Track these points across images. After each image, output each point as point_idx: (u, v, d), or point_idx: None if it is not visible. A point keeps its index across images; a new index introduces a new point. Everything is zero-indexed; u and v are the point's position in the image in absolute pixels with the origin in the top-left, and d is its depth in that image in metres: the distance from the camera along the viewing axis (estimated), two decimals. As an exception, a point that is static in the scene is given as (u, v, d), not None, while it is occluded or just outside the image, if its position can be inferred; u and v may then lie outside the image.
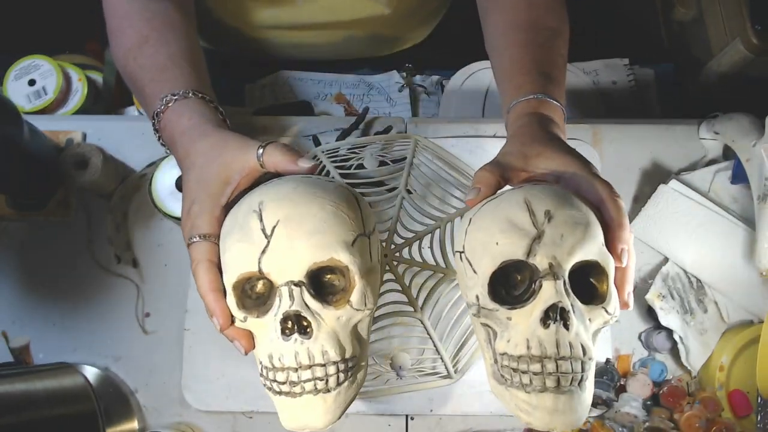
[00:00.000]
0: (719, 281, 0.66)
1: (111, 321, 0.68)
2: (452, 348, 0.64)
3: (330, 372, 0.46)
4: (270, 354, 0.46)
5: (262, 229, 0.45)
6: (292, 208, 0.45)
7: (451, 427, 0.65)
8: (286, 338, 0.45)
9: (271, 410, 0.65)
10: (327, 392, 0.46)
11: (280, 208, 0.46)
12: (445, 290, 0.62)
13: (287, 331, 0.45)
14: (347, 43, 0.88)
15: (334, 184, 0.49)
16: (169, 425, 0.65)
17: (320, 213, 0.46)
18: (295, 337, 0.45)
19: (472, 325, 0.64)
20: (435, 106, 0.87)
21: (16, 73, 0.78)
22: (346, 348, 0.47)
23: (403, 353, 0.62)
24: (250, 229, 0.46)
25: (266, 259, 0.45)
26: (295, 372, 0.45)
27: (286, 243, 0.45)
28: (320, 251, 0.45)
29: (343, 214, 0.47)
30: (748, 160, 0.65)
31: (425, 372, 0.63)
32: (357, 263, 0.46)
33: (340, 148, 0.69)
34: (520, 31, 0.62)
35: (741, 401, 0.63)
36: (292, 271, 0.45)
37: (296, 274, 0.45)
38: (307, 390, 0.46)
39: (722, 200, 0.69)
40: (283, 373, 0.46)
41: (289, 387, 0.46)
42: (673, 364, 0.66)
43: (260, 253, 0.45)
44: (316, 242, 0.45)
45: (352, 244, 0.46)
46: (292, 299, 0.45)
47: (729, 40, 0.86)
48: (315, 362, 0.45)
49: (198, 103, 0.56)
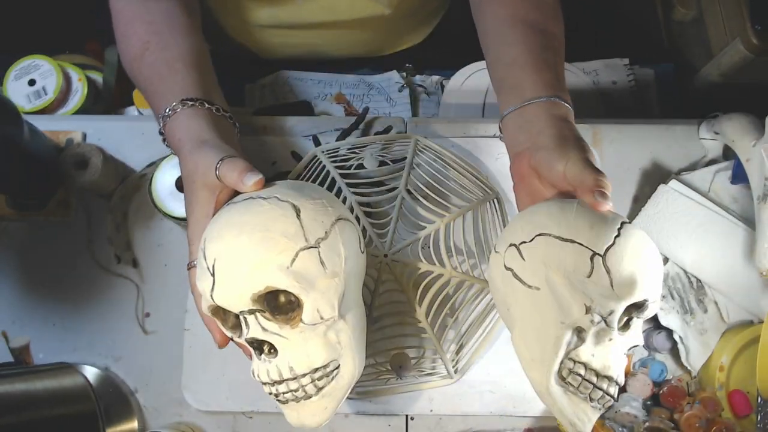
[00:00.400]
0: (719, 281, 0.66)
1: (111, 321, 0.68)
2: (452, 348, 0.64)
3: (304, 383, 0.49)
4: (253, 370, 0.51)
5: (207, 267, 0.48)
6: (221, 243, 0.48)
7: (451, 427, 0.65)
8: (259, 357, 0.50)
9: (271, 410, 0.65)
10: (308, 399, 0.49)
11: (215, 245, 0.48)
12: (444, 290, 0.62)
13: (257, 352, 0.50)
14: (347, 43, 0.88)
15: (269, 202, 0.49)
16: (169, 425, 0.65)
17: (248, 244, 0.47)
18: (263, 357, 0.49)
19: (471, 326, 0.64)
20: (435, 106, 0.87)
21: (16, 73, 0.78)
22: (315, 359, 0.49)
23: (403, 353, 0.62)
24: (202, 267, 0.49)
25: (216, 294, 0.48)
26: (273, 386, 0.50)
27: (226, 278, 0.48)
28: (254, 282, 0.47)
29: (277, 236, 0.48)
30: (748, 160, 0.65)
31: (425, 372, 0.63)
32: (297, 285, 0.47)
33: (340, 148, 0.69)
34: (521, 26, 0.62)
35: (741, 401, 0.63)
36: (239, 302, 0.48)
37: (243, 305, 0.48)
38: (289, 399, 0.49)
39: (722, 200, 0.69)
40: (266, 386, 0.50)
41: (275, 397, 0.50)
42: (673, 364, 0.66)
43: (210, 289, 0.48)
44: (248, 274, 0.47)
45: (291, 265, 0.47)
46: (248, 326, 0.49)
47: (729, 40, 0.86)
48: (284, 378, 0.49)
49: (189, 116, 0.57)
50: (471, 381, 0.65)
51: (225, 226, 0.49)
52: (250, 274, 0.47)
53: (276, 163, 0.72)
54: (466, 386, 0.65)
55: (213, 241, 0.49)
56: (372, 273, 0.61)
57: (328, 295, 0.49)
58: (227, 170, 0.52)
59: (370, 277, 0.61)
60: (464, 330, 0.64)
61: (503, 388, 0.65)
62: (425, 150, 0.68)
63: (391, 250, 0.61)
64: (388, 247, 0.61)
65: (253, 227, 0.48)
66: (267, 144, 0.73)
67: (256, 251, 0.47)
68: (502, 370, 0.65)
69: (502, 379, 0.65)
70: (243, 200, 0.51)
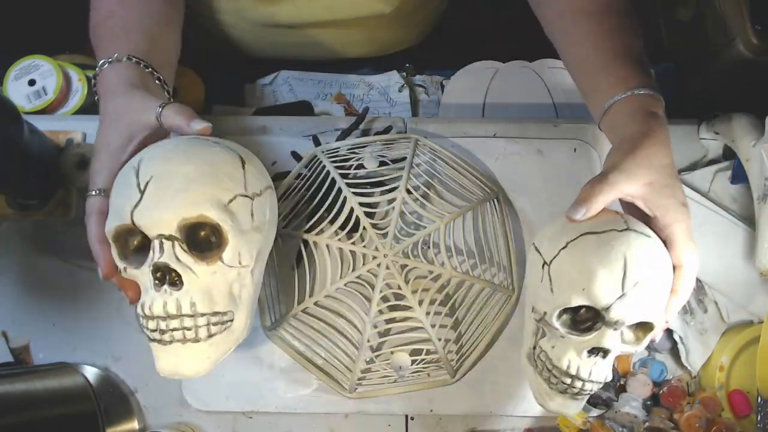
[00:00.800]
0: (719, 281, 0.66)
1: (111, 321, 0.68)
2: (452, 348, 0.64)
3: (199, 323, 0.49)
4: (143, 303, 0.49)
5: (137, 184, 0.48)
6: (166, 165, 0.48)
7: (451, 427, 0.65)
8: (158, 288, 0.48)
9: (270, 410, 0.65)
10: (196, 342, 0.49)
11: (155, 165, 0.49)
12: (445, 290, 0.62)
13: (158, 282, 0.48)
14: (347, 43, 0.88)
15: (220, 146, 0.52)
16: (169, 425, 0.65)
17: (193, 172, 0.48)
18: (165, 288, 0.48)
19: (471, 326, 0.64)
20: (435, 106, 0.87)
21: (16, 73, 0.78)
22: (217, 302, 0.49)
23: (403, 353, 0.62)
24: (128, 185, 0.49)
25: (138, 212, 0.48)
26: (164, 321, 0.48)
27: (157, 198, 0.47)
28: (190, 208, 0.47)
29: (221, 174, 0.49)
30: (748, 160, 0.65)
31: (425, 372, 0.63)
32: (229, 222, 0.49)
33: (340, 148, 0.69)
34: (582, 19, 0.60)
35: (741, 401, 0.63)
36: (163, 225, 0.47)
37: (166, 229, 0.47)
38: (176, 338, 0.49)
39: (722, 200, 0.69)
40: (153, 321, 0.49)
41: (159, 335, 0.49)
42: (673, 364, 0.66)
43: (133, 207, 0.48)
44: (185, 199, 0.47)
45: (228, 204, 0.49)
46: (162, 252, 0.48)
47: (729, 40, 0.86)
48: (183, 313, 0.48)
49: (128, 67, 0.58)
50: (471, 381, 0.65)
51: (172, 151, 0.50)
52: (186, 200, 0.48)
53: (276, 163, 0.72)
54: (466, 386, 0.65)
55: (154, 161, 0.49)
56: (372, 273, 0.61)
57: (251, 246, 0.51)
58: (173, 113, 0.53)
59: (371, 275, 0.61)
60: (464, 330, 0.64)
61: (503, 388, 0.65)
62: (425, 150, 0.68)
63: (392, 250, 0.61)
64: (388, 247, 0.61)
65: (201, 160, 0.49)
66: (267, 144, 0.72)
67: (200, 181, 0.48)
68: (502, 370, 0.65)
69: (502, 379, 0.65)
70: (190, 138, 0.52)
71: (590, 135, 0.73)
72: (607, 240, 0.50)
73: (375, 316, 0.61)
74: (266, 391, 0.65)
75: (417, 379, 0.64)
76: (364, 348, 0.61)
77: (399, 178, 0.64)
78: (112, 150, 0.54)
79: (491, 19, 1.01)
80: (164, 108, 0.53)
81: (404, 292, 0.61)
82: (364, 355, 0.62)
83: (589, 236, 0.51)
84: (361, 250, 0.62)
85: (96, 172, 0.55)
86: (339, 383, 0.63)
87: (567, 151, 0.72)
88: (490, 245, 0.66)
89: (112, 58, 0.58)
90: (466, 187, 0.67)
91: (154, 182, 0.48)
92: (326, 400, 0.65)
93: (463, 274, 0.62)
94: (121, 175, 0.51)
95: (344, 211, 0.62)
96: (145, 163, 0.49)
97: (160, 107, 0.54)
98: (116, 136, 0.54)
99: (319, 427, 0.65)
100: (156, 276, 0.49)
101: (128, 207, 0.48)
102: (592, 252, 0.50)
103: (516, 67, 0.88)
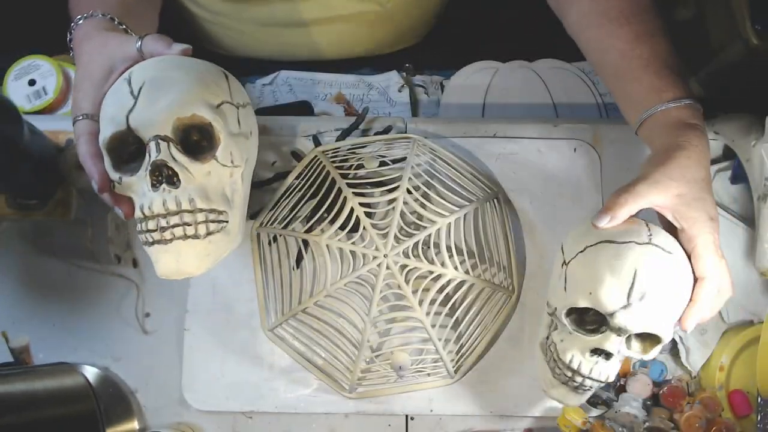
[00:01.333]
0: (719, 281, 0.66)
1: (111, 321, 0.68)
2: (452, 348, 0.64)
3: (198, 219, 0.50)
4: (142, 205, 0.51)
5: (130, 91, 0.50)
6: (157, 71, 0.51)
7: (451, 427, 0.65)
8: (156, 189, 0.50)
9: (270, 410, 0.65)
10: (196, 238, 0.50)
11: (147, 72, 0.51)
12: (445, 290, 0.62)
13: (156, 182, 0.50)
14: (345, 42, 0.88)
15: (205, 63, 0.55)
16: (169, 425, 0.65)
17: (185, 77, 0.51)
18: (163, 187, 0.50)
19: (471, 326, 0.64)
20: (435, 106, 0.87)
21: (16, 73, 0.78)
22: (213, 200, 0.51)
23: (403, 353, 0.62)
24: (121, 93, 0.51)
25: (133, 116, 0.49)
26: (164, 218, 0.50)
27: (151, 100, 0.50)
28: (183, 107, 0.50)
29: (208, 81, 0.52)
30: (748, 160, 0.65)
31: (425, 372, 0.63)
32: (220, 122, 0.51)
33: (340, 149, 0.69)
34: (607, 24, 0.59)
35: (741, 401, 0.63)
36: (158, 126, 0.49)
37: (162, 129, 0.49)
38: (177, 236, 0.50)
39: (722, 200, 0.69)
40: (154, 220, 0.50)
41: (160, 234, 0.50)
42: (673, 364, 0.66)
43: (128, 111, 0.50)
44: (178, 99, 0.50)
45: (217, 107, 0.52)
46: (159, 151, 0.49)
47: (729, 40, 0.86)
48: (182, 209, 0.50)
49: (102, 21, 0.59)
50: (471, 381, 0.65)
51: (160, 61, 0.52)
52: (180, 101, 0.50)
53: (276, 163, 0.72)
54: (466, 386, 0.65)
55: (146, 69, 0.52)
56: (372, 273, 0.61)
57: (241, 148, 0.54)
58: (153, 41, 0.55)
59: (371, 276, 0.61)
60: (464, 330, 0.64)
61: (503, 388, 0.65)
62: (425, 150, 0.68)
63: (392, 250, 0.61)
64: (388, 248, 0.61)
65: (189, 68, 0.52)
66: (267, 144, 0.73)
67: (191, 84, 0.51)
68: (502, 371, 0.65)
69: (502, 380, 0.65)
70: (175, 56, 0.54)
71: (590, 135, 0.73)
72: (624, 251, 0.51)
73: (375, 316, 0.61)
74: (266, 391, 0.65)
75: (417, 379, 0.64)
76: (364, 348, 0.61)
77: (399, 179, 0.64)
78: (95, 80, 0.55)
79: (491, 19, 1.01)
80: (144, 37, 0.55)
81: (404, 292, 0.61)
82: (364, 355, 0.62)
83: (608, 244, 0.52)
84: (362, 250, 0.62)
85: (80, 99, 0.56)
86: (339, 383, 0.63)
87: (567, 151, 0.72)
88: (490, 245, 0.66)
89: (88, 15, 0.59)
90: (466, 187, 0.67)
91: (147, 86, 0.50)
92: (326, 400, 0.65)
93: (464, 274, 0.62)
94: (113, 90, 0.53)
95: (344, 212, 0.62)
96: (136, 72, 0.51)
97: (139, 39, 0.55)
98: (98, 67, 0.56)
99: (320, 427, 0.65)
100: (154, 176, 0.50)
101: (123, 112, 0.50)
102: (606, 260, 0.52)
103: (516, 67, 0.88)
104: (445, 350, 0.62)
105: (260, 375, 0.66)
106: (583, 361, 0.53)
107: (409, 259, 0.62)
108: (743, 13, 0.82)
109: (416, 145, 0.68)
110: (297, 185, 0.67)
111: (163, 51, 0.55)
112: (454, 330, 0.64)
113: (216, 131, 0.51)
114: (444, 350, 0.62)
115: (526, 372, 0.66)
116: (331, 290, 0.62)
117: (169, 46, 0.55)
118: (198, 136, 0.52)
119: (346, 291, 0.62)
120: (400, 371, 0.62)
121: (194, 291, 0.68)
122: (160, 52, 0.55)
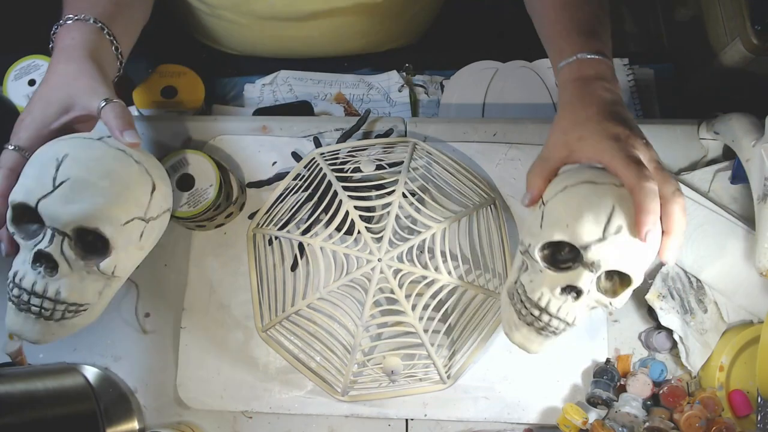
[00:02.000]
0: (719, 281, 0.66)
1: (111, 321, 0.68)
2: (445, 353, 0.64)
3: (58, 308, 0.53)
4: (16, 272, 0.53)
5: (53, 178, 0.52)
6: (86, 173, 0.52)
7: (451, 427, 0.65)
8: (34, 267, 0.52)
9: (270, 411, 0.65)
10: (49, 320, 0.53)
11: (76, 169, 0.52)
12: (438, 296, 0.61)
13: (37, 264, 0.52)
14: (344, 36, 0.88)
15: (139, 168, 0.55)
16: (169, 425, 0.65)
17: (107, 189, 0.52)
18: (40, 270, 0.52)
19: (464, 332, 0.64)
20: (435, 106, 0.87)
21: (16, 73, 0.78)
22: (81, 297, 0.53)
23: (395, 357, 0.62)
24: (45, 174, 0.52)
25: (44, 203, 0.51)
26: (28, 295, 0.52)
27: (65, 200, 0.51)
28: (89, 220, 0.51)
29: (130, 196, 0.54)
30: (748, 160, 0.65)
31: (417, 377, 0.63)
32: (119, 240, 0.53)
33: (339, 151, 0.68)
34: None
35: (741, 401, 0.63)
36: (61, 223, 0.51)
37: (63, 227, 0.51)
38: (32, 312, 0.53)
39: (722, 200, 0.69)
40: (18, 290, 0.53)
41: (17, 302, 0.53)
42: (673, 364, 0.66)
43: (41, 196, 0.51)
44: (89, 211, 0.51)
45: (124, 224, 0.53)
46: (51, 243, 0.52)
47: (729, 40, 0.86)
48: (47, 296, 0.52)
49: (90, 30, 0.59)
50: (465, 387, 0.65)
51: (96, 161, 0.53)
52: (90, 212, 0.51)
53: (276, 163, 0.72)
54: (460, 392, 0.65)
55: (78, 164, 0.52)
56: (366, 276, 0.61)
57: (130, 261, 0.56)
58: (113, 114, 0.55)
59: (365, 279, 0.61)
60: (457, 335, 0.64)
61: (498, 394, 0.65)
62: (423, 154, 0.68)
63: (386, 254, 0.61)
64: (382, 251, 0.61)
65: (118, 179, 0.53)
66: (267, 144, 0.73)
67: (109, 198, 0.52)
68: (496, 377, 0.65)
69: (496, 386, 0.65)
70: (117, 148, 0.55)
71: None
72: (603, 190, 0.52)
73: (367, 321, 0.61)
74: (261, 391, 0.65)
75: (409, 384, 0.63)
76: (356, 352, 0.61)
77: (396, 182, 0.64)
78: (47, 113, 0.56)
79: (491, 19, 1.01)
80: (106, 104, 0.56)
81: (397, 297, 0.61)
82: (356, 359, 0.61)
83: (588, 184, 0.53)
84: (356, 253, 0.61)
85: (23, 125, 0.56)
86: (331, 386, 0.63)
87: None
88: (484, 251, 0.66)
89: (79, 17, 0.59)
90: (462, 192, 0.66)
91: (69, 184, 0.51)
92: (320, 402, 0.65)
93: (457, 280, 0.62)
94: (42, 160, 0.53)
95: (340, 214, 0.62)
96: (67, 163, 0.52)
97: (104, 101, 0.56)
98: (55, 101, 0.56)
99: (320, 427, 0.65)
100: (38, 259, 0.52)
101: (37, 193, 0.51)
102: (585, 196, 0.52)
103: (516, 67, 0.88)
104: (437, 355, 0.62)
105: (255, 375, 0.66)
106: (552, 299, 0.53)
107: (403, 263, 0.61)
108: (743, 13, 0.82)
109: (414, 148, 0.68)
110: (294, 186, 0.67)
111: (115, 133, 0.55)
112: (447, 335, 0.64)
113: (110, 247, 0.53)
114: (437, 355, 0.62)
115: (521, 378, 0.65)
116: (325, 293, 0.61)
117: (121, 133, 0.55)
118: (93, 238, 0.54)
119: (339, 294, 0.61)
120: (392, 375, 0.62)
121: (191, 289, 0.68)
122: (111, 131, 0.56)
